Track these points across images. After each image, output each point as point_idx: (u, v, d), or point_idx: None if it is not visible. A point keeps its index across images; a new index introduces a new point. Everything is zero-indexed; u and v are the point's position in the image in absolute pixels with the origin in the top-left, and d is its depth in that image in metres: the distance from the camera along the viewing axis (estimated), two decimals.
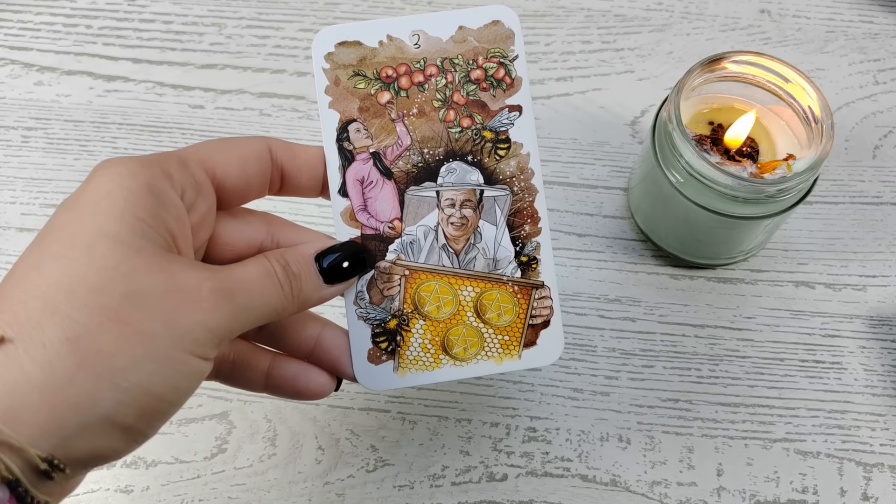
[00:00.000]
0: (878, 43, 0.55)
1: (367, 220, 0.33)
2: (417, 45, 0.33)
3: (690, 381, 0.45)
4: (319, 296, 0.31)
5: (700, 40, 0.55)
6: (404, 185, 0.33)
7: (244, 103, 0.53)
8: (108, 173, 0.27)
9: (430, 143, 0.33)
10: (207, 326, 0.26)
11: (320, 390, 0.33)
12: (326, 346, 0.33)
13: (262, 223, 0.33)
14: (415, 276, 0.33)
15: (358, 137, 0.33)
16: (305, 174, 0.33)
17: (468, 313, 0.34)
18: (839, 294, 0.47)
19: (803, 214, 0.49)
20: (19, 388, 0.23)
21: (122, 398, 0.24)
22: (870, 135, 0.52)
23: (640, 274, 0.48)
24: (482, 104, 0.33)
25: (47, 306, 0.24)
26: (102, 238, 0.25)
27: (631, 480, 0.43)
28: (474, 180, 0.33)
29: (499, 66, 0.33)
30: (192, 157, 0.30)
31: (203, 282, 0.27)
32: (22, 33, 0.55)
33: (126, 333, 0.25)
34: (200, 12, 0.56)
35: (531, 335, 0.34)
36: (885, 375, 0.45)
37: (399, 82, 0.33)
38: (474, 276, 0.34)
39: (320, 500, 0.42)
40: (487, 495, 0.42)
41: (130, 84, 0.53)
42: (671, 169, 0.42)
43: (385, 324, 0.33)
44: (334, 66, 0.33)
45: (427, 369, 0.33)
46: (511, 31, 0.33)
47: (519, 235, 0.34)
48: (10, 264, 0.48)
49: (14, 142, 0.51)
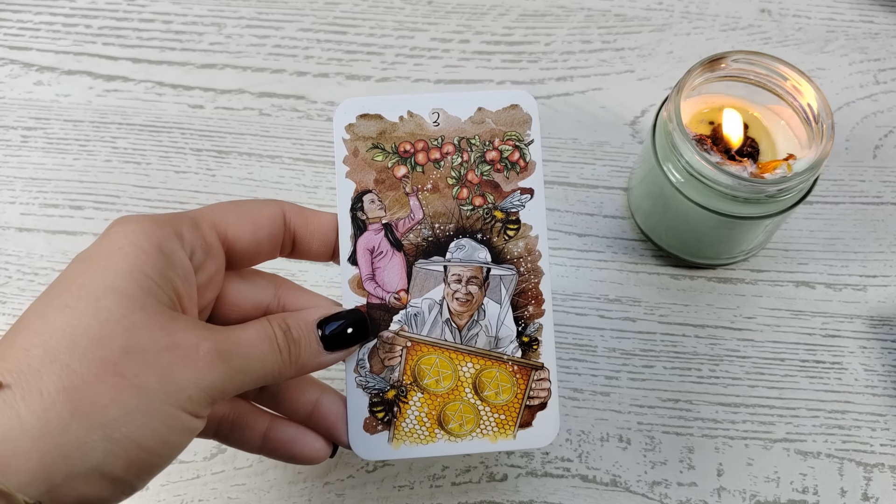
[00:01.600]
0: (879, 43, 0.55)
1: (374, 290, 0.33)
2: (437, 122, 0.34)
3: (691, 382, 0.45)
4: (318, 362, 0.32)
5: (700, 40, 0.55)
6: (413, 258, 0.34)
7: (244, 103, 0.53)
8: (123, 230, 0.28)
9: (442, 218, 0.34)
10: (202, 385, 0.27)
11: (315, 456, 0.33)
12: (324, 411, 0.33)
13: (269, 285, 0.33)
14: (416, 349, 0.34)
15: (372, 208, 0.33)
16: (317, 240, 0.33)
17: (466, 389, 0.34)
18: (840, 294, 0.47)
19: (804, 214, 0.49)
20: (13, 434, 0.24)
21: (112, 449, 0.25)
22: (870, 135, 0.52)
23: (641, 274, 0.48)
24: (495, 185, 0.34)
25: (48, 354, 0.25)
26: (109, 292, 0.26)
27: (631, 481, 0.43)
28: (482, 258, 0.34)
29: (514, 149, 0.34)
30: (205, 219, 0.31)
31: (202, 341, 0.27)
32: (21, 33, 0.55)
33: (121, 386, 0.25)
34: (200, 12, 0.56)
35: (527, 416, 0.34)
36: (885, 375, 0.45)
37: (416, 157, 0.34)
38: (475, 352, 0.34)
39: (320, 500, 0.42)
40: (487, 495, 0.42)
41: (130, 84, 0.53)
42: (671, 169, 0.42)
43: (383, 394, 0.34)
44: (354, 137, 0.34)
45: (421, 442, 0.34)
46: (528, 116, 0.34)
47: (522, 315, 0.34)
48: (9, 264, 0.48)
49: (14, 141, 0.51)
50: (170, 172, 0.50)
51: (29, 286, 0.47)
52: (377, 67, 0.54)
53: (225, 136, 0.52)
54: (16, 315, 0.46)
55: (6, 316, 0.46)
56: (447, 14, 0.56)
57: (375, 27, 0.55)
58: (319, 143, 0.51)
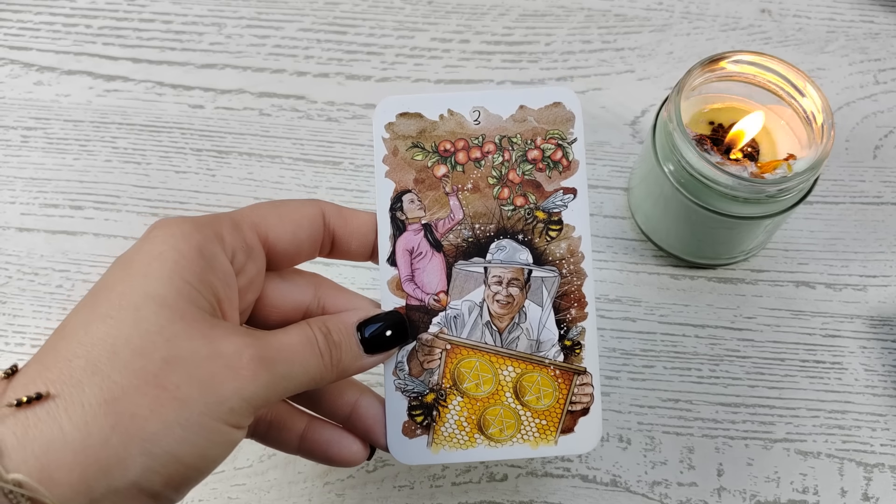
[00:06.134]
0: (879, 43, 0.55)
1: (413, 291, 0.33)
2: (477, 121, 0.33)
3: (691, 382, 0.45)
4: (359, 365, 0.31)
5: (700, 40, 0.55)
6: (453, 259, 0.33)
7: (244, 103, 0.53)
8: (162, 234, 0.28)
9: (483, 218, 0.33)
10: (244, 396, 0.26)
11: (353, 458, 0.33)
12: (362, 413, 0.33)
13: (310, 286, 0.33)
14: (456, 352, 0.33)
15: (411, 208, 0.33)
16: (356, 241, 0.33)
17: (507, 394, 0.33)
18: (840, 294, 0.47)
19: (804, 214, 0.49)
20: (55, 446, 0.24)
21: (150, 464, 0.25)
22: (870, 135, 0.52)
23: (641, 274, 0.48)
24: (537, 184, 0.33)
25: (90, 365, 0.25)
26: (149, 301, 0.26)
27: (631, 481, 0.43)
28: (523, 259, 0.33)
29: (557, 148, 0.33)
30: (246, 220, 0.30)
31: (244, 349, 0.27)
32: (21, 33, 0.55)
33: (162, 398, 0.25)
34: (200, 12, 0.56)
35: (569, 421, 0.33)
36: (885, 375, 0.45)
37: (456, 157, 0.33)
38: (516, 356, 0.33)
39: (320, 500, 0.42)
40: (487, 495, 0.42)
41: (130, 84, 0.53)
42: (672, 169, 0.42)
43: (423, 397, 0.33)
44: (394, 137, 0.33)
45: (461, 447, 0.33)
46: (572, 114, 0.33)
47: (564, 319, 0.33)
48: (9, 264, 0.48)
49: (14, 141, 0.51)
50: (170, 172, 0.50)
51: (29, 286, 0.47)
52: (377, 67, 0.54)
53: (225, 136, 0.52)
54: (16, 315, 0.46)
55: (6, 316, 0.46)
56: (447, 14, 0.56)
57: (375, 27, 0.55)
58: (320, 144, 0.51)
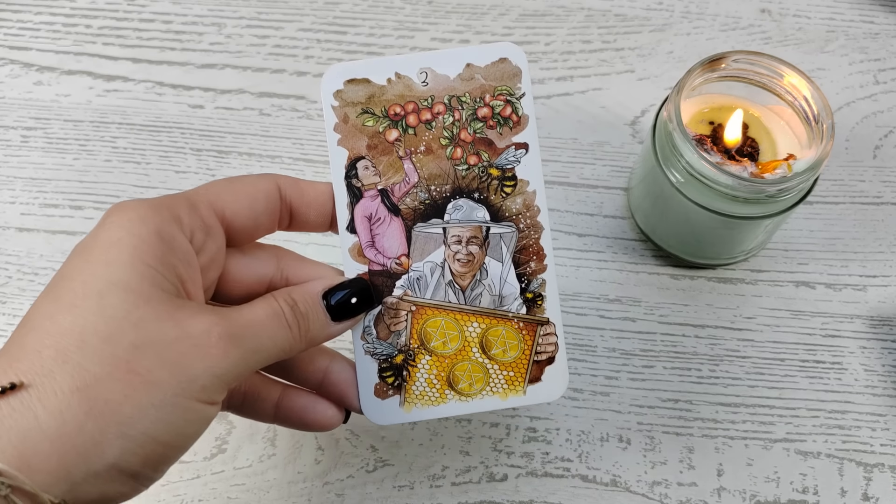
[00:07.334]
0: (879, 43, 0.55)
1: (375, 257, 0.33)
2: (425, 82, 0.33)
3: (691, 382, 0.45)
4: (327, 333, 0.32)
5: (700, 40, 0.55)
6: (411, 222, 0.33)
7: (244, 103, 0.53)
8: (119, 220, 0.28)
9: (438, 180, 0.33)
10: (216, 373, 0.27)
11: (328, 422, 0.34)
12: (334, 379, 0.34)
13: (271, 258, 0.33)
14: (421, 312, 0.34)
15: (366, 175, 0.33)
16: (314, 211, 0.33)
17: (474, 349, 0.34)
18: (840, 294, 0.47)
19: (804, 214, 0.49)
20: (32, 435, 0.24)
21: (128, 446, 0.25)
22: (870, 135, 0.52)
23: (641, 274, 0.48)
24: (489, 142, 0.34)
25: (59, 355, 0.25)
26: (113, 287, 0.26)
27: (631, 481, 0.43)
28: (480, 217, 0.34)
29: (506, 104, 0.34)
30: (202, 199, 0.30)
31: (212, 327, 0.27)
32: (21, 33, 0.55)
33: (134, 382, 0.25)
34: (200, 12, 0.56)
35: (536, 371, 0.34)
36: (885, 376, 0.45)
37: (407, 120, 0.33)
38: (480, 312, 0.34)
39: (320, 500, 0.42)
40: (487, 495, 0.42)
41: (130, 84, 0.53)
42: (671, 169, 0.42)
43: (392, 359, 0.34)
44: (343, 104, 0.33)
45: (433, 404, 0.34)
46: (518, 69, 0.33)
47: (525, 272, 0.34)
48: (9, 264, 0.48)
49: (14, 141, 0.51)
50: (170, 172, 0.50)
51: (29, 286, 0.47)
52: None
53: (225, 136, 0.52)
54: (16, 315, 0.46)
55: (6, 316, 0.46)
56: (447, 14, 0.56)
57: (375, 27, 0.55)
58: (320, 143, 0.51)
